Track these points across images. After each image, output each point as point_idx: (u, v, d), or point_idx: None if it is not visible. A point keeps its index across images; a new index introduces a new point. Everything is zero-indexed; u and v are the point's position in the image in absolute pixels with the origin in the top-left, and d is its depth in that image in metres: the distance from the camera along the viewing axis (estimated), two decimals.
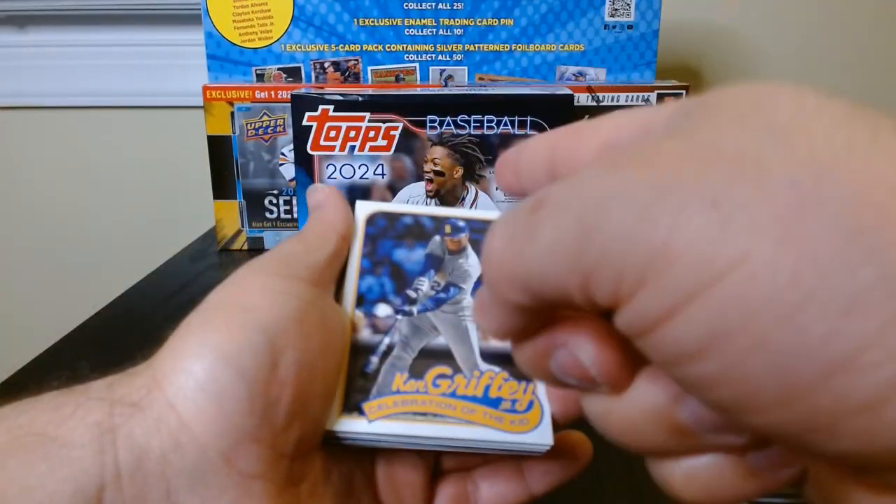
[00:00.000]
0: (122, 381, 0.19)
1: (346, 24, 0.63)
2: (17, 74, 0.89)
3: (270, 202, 0.62)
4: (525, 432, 0.21)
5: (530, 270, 0.13)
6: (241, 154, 0.61)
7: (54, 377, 0.41)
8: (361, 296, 0.24)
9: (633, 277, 0.12)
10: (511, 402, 0.22)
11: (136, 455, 0.17)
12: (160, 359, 0.19)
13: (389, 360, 0.23)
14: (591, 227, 0.12)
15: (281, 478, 0.19)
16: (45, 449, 0.16)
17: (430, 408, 0.22)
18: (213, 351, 0.18)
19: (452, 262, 0.26)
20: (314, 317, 0.21)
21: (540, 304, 0.14)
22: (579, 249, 0.12)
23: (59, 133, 0.92)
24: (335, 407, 0.21)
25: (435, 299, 0.25)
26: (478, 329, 0.24)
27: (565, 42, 0.63)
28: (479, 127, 0.54)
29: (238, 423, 0.18)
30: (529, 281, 0.13)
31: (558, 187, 0.13)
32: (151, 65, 0.87)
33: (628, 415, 0.15)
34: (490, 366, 0.23)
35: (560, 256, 0.12)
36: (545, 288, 0.13)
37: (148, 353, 0.20)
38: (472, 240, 0.26)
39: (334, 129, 0.53)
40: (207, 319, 0.19)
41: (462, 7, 0.62)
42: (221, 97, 0.59)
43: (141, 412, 0.18)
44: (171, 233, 0.92)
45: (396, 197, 0.55)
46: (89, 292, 0.96)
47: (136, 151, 0.93)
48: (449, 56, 0.64)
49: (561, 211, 0.13)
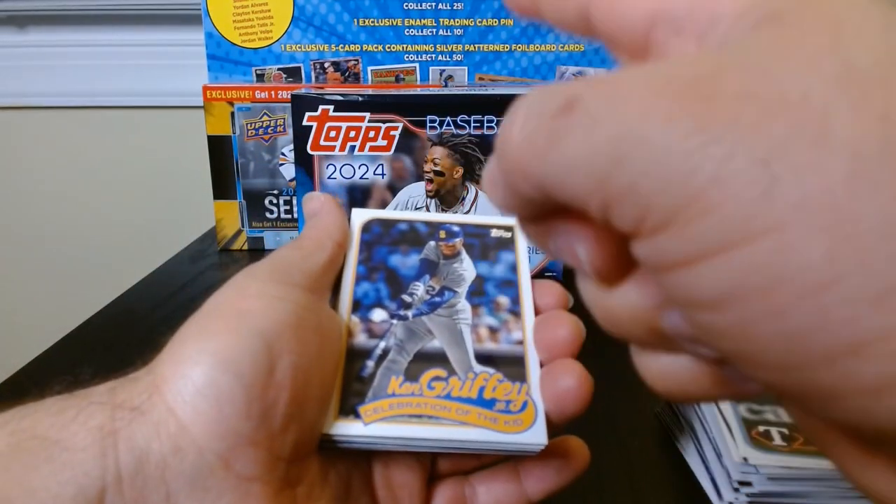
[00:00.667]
0: (123, 386, 0.19)
1: (346, 24, 0.63)
2: (17, 74, 0.89)
3: (270, 202, 0.62)
4: (519, 432, 0.22)
5: (548, 175, 0.12)
6: (241, 154, 0.61)
7: (55, 377, 0.41)
8: (357, 301, 0.25)
9: (661, 216, 0.11)
10: (505, 403, 0.22)
11: (136, 458, 0.17)
12: (160, 364, 0.19)
13: (385, 363, 0.23)
14: (625, 153, 0.11)
15: (278, 480, 0.19)
16: (48, 452, 0.17)
17: (425, 410, 0.22)
18: (211, 356, 0.19)
19: (447, 266, 0.26)
20: (310, 322, 0.21)
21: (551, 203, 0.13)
22: (607, 172, 0.11)
23: (59, 133, 0.92)
24: (331, 411, 0.22)
25: (430, 303, 0.25)
26: (471, 331, 0.24)
27: (565, 42, 0.64)
28: (479, 127, 0.54)
29: (236, 426, 0.18)
30: (545, 184, 0.12)
31: (595, 92, 0.12)
32: (151, 65, 0.88)
33: (613, 307, 0.15)
34: (484, 368, 0.23)
35: (584, 172, 0.12)
36: (561, 195, 0.12)
37: (147, 356, 0.20)
38: (467, 244, 0.27)
39: (334, 129, 0.53)
40: (205, 325, 0.20)
41: (462, 7, 0.62)
42: (221, 97, 0.59)
43: (141, 416, 0.18)
44: (171, 233, 0.92)
45: (396, 197, 0.55)
46: (90, 292, 0.96)
47: (136, 151, 0.93)
48: (449, 56, 0.64)
49: (595, 124, 0.11)
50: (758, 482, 0.31)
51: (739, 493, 0.31)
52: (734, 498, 0.31)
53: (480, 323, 0.25)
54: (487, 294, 0.26)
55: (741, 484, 0.31)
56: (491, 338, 0.24)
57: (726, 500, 0.31)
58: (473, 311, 0.25)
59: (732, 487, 0.31)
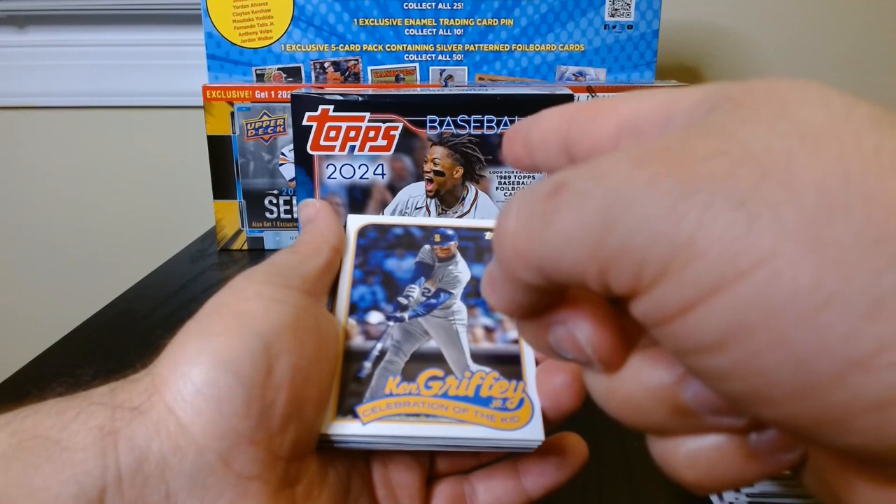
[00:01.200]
0: (123, 387, 0.19)
1: (346, 24, 0.63)
2: (17, 74, 0.89)
3: (270, 202, 0.62)
4: (516, 429, 0.22)
5: (545, 254, 0.13)
6: (241, 154, 0.61)
7: (55, 377, 0.41)
8: (354, 304, 0.25)
9: (655, 269, 0.12)
10: (502, 401, 0.22)
11: (136, 458, 0.17)
12: (159, 365, 0.19)
13: (382, 364, 0.23)
14: (614, 219, 0.12)
15: (277, 480, 0.19)
16: (49, 451, 0.17)
17: (422, 409, 0.22)
18: (210, 356, 0.19)
19: (442, 268, 0.27)
20: (308, 323, 0.21)
21: (551, 286, 0.14)
22: (600, 239, 0.12)
23: (59, 133, 0.92)
24: (329, 411, 0.22)
25: (426, 305, 0.25)
26: (467, 332, 0.25)
27: (565, 42, 0.64)
28: (479, 127, 0.54)
29: (235, 425, 0.18)
30: (543, 264, 0.13)
31: (580, 174, 0.13)
32: (151, 65, 0.88)
33: (630, 392, 0.15)
34: (480, 366, 0.23)
35: (578, 244, 0.12)
36: (559, 272, 0.13)
37: (147, 356, 0.20)
38: (461, 247, 0.27)
39: (334, 129, 0.53)
40: (205, 326, 0.20)
41: (462, 7, 0.62)
42: (221, 97, 0.59)
43: (141, 416, 0.18)
44: (171, 233, 0.93)
45: (396, 197, 0.55)
46: (89, 292, 0.97)
47: (136, 151, 0.93)
48: (449, 56, 0.64)
49: (583, 199, 0.12)
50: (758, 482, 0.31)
51: (740, 492, 0.31)
52: (734, 498, 0.31)
53: (476, 323, 0.25)
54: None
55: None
56: (487, 337, 0.24)
57: (726, 500, 0.31)
58: (469, 311, 0.25)
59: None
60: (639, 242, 0.12)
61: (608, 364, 0.15)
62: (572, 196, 0.13)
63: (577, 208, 0.12)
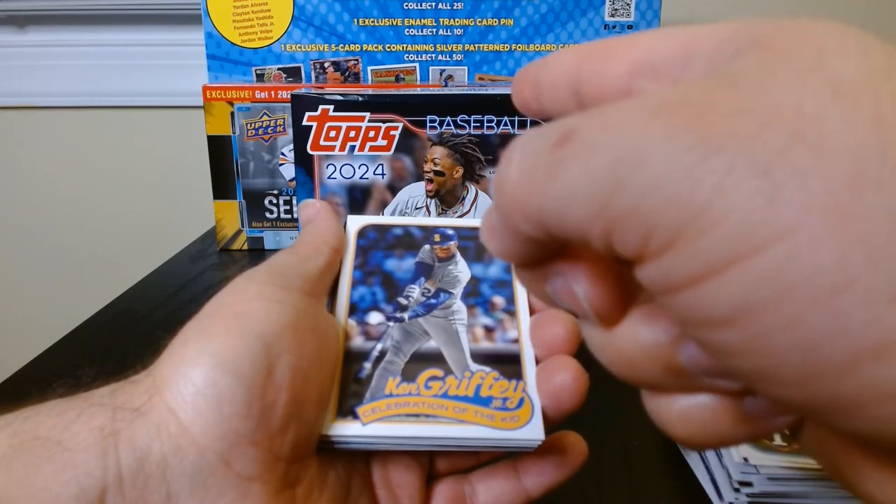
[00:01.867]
0: (124, 388, 0.19)
1: (346, 24, 0.63)
2: (17, 74, 0.89)
3: (270, 202, 0.62)
4: (516, 429, 0.22)
5: (548, 208, 0.12)
6: (241, 154, 0.61)
7: (55, 377, 0.41)
8: (354, 305, 0.25)
9: (665, 236, 0.11)
10: (502, 401, 0.22)
11: (137, 458, 0.17)
12: (160, 366, 0.19)
13: (382, 365, 0.23)
14: (624, 177, 0.11)
15: (278, 480, 0.19)
16: (50, 452, 0.17)
17: (422, 409, 0.22)
18: (211, 357, 0.19)
19: (442, 268, 0.27)
20: (308, 324, 0.21)
21: (552, 240, 0.13)
22: (607, 198, 0.11)
23: (59, 133, 0.92)
24: (330, 412, 0.22)
25: (425, 305, 0.25)
26: (467, 331, 0.25)
27: (565, 42, 0.64)
28: (479, 127, 0.54)
29: (236, 426, 0.18)
30: (545, 218, 0.12)
31: (589, 122, 0.12)
32: (151, 65, 0.88)
33: (625, 349, 0.14)
34: (480, 366, 0.23)
35: (584, 201, 0.12)
36: (561, 228, 0.12)
37: (147, 355, 0.20)
38: (461, 247, 0.27)
39: (334, 129, 0.53)
40: (205, 326, 0.20)
41: (462, 7, 0.62)
42: (221, 97, 0.59)
43: (142, 417, 0.18)
44: (171, 233, 0.93)
45: (396, 197, 0.55)
46: (89, 292, 0.97)
47: (136, 151, 0.93)
48: (449, 56, 0.64)
49: (592, 152, 0.11)
50: (758, 482, 0.31)
51: (740, 493, 0.31)
52: (734, 498, 0.31)
53: (476, 323, 0.25)
54: (483, 295, 0.26)
55: (741, 484, 0.31)
56: (487, 337, 0.24)
57: (726, 500, 0.31)
58: (469, 311, 0.25)
59: (733, 487, 0.31)
60: (649, 205, 0.11)
61: (605, 319, 0.15)
62: (580, 148, 0.12)
63: (584, 162, 0.11)
